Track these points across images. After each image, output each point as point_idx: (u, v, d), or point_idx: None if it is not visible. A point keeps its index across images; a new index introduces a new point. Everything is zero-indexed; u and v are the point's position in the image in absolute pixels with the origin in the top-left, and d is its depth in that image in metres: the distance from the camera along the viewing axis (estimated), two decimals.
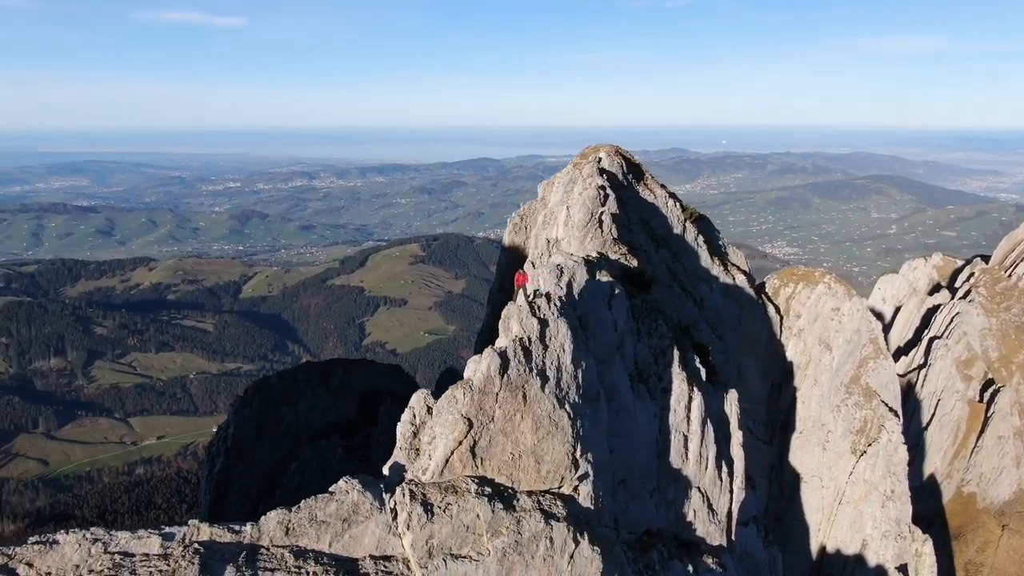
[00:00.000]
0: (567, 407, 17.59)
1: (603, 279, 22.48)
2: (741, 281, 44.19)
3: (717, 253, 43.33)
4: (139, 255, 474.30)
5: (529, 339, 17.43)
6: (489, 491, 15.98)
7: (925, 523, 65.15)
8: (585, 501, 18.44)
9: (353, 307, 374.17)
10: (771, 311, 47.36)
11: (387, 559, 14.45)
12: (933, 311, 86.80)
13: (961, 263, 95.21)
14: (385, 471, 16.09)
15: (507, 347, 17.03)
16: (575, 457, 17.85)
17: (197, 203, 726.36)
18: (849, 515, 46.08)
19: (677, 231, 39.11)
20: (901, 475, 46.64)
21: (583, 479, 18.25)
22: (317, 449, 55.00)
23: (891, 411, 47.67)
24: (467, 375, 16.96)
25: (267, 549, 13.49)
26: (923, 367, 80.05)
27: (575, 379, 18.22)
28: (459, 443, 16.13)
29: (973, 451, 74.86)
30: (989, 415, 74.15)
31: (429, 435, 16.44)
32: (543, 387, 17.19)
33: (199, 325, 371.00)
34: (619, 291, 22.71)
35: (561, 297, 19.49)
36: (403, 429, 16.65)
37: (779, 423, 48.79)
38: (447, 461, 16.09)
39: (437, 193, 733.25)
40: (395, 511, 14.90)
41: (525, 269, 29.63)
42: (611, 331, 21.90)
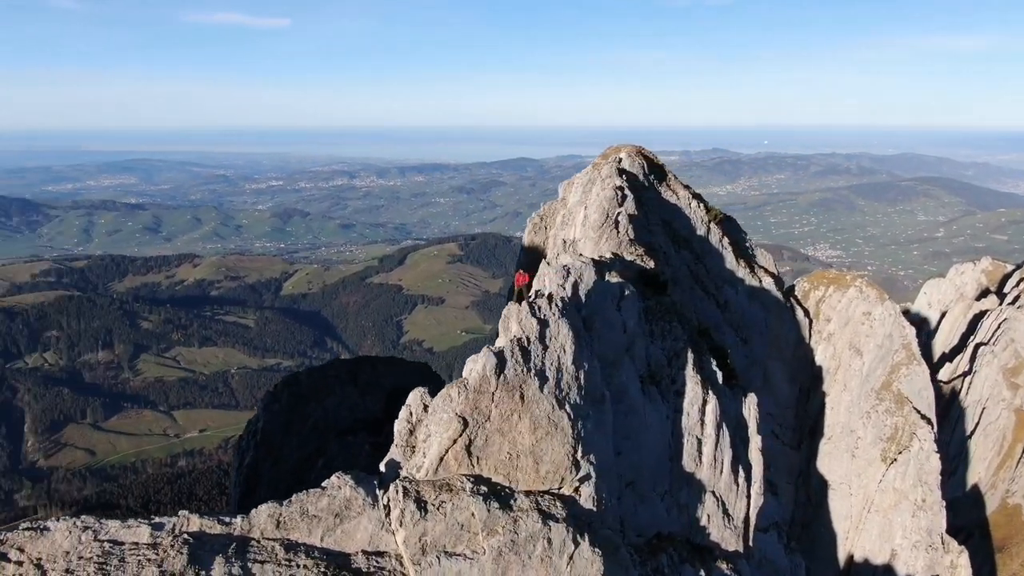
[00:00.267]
0: (567, 408, 17.57)
1: (613, 280, 22.39)
2: (768, 284, 43.55)
3: (743, 255, 42.76)
4: (184, 251, 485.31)
5: (528, 339, 17.46)
6: (485, 490, 16.07)
7: (964, 534, 63.47)
8: (587, 503, 18.41)
9: (391, 305, 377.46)
10: (799, 314, 46.58)
11: (380, 555, 14.63)
12: (980, 317, 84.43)
13: (1011, 268, 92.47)
14: (382, 468, 16.29)
15: (504, 347, 17.09)
16: (576, 458, 17.83)
17: (241, 201, 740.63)
18: (878, 524, 45.12)
19: (701, 233, 38.70)
20: (933, 484, 45.50)
21: (584, 480, 18.22)
22: (344, 445, 55.62)
23: (924, 419, 46.53)
24: (464, 374, 17.07)
25: (257, 541, 13.77)
26: (968, 374, 77.89)
27: (576, 380, 18.20)
28: (454, 441, 16.24)
29: (1020, 461, 72.62)
30: None
31: (424, 433, 16.59)
32: (542, 387, 17.20)
33: (241, 321, 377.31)
34: (629, 292, 22.59)
35: (564, 298, 19.47)
36: (400, 427, 16.82)
37: (807, 428, 47.96)
38: (441, 459, 16.20)
39: (476, 193, 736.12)
40: (388, 507, 15.08)
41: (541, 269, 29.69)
42: (620, 333, 21.81)
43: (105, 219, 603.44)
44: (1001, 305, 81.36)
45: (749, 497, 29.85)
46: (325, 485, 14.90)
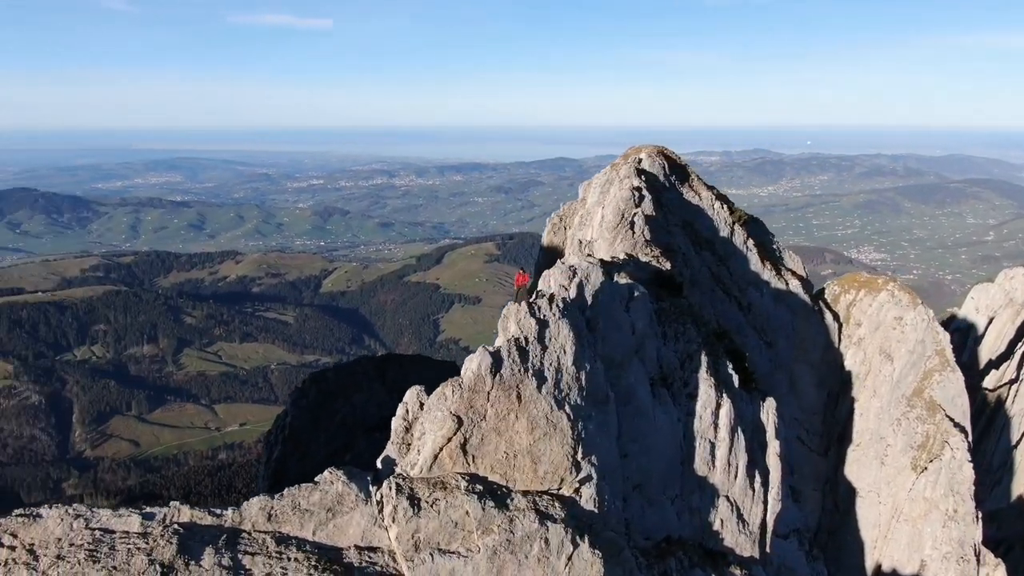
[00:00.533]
0: (567, 408, 17.58)
1: (622, 281, 22.31)
2: (795, 286, 42.89)
3: (769, 257, 42.17)
4: (227, 248, 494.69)
5: (526, 339, 17.51)
6: (480, 489, 16.16)
7: (1005, 547, 61.63)
8: (588, 504, 18.39)
9: (428, 304, 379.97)
10: (828, 318, 45.77)
11: (372, 550, 14.82)
12: None
13: None
14: (378, 465, 16.50)
15: (501, 347, 17.17)
16: (576, 459, 17.83)
17: (282, 199, 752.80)
18: (907, 533, 44.10)
19: (724, 234, 38.28)
20: (966, 494, 44.29)
21: (585, 482, 18.20)
22: (372, 441, 56.19)
23: (957, 427, 45.33)
24: (462, 373, 17.19)
25: (248, 534, 14.07)
26: (1015, 382, 75.44)
27: (577, 381, 18.20)
28: (448, 440, 16.36)
29: None
30: None
31: (420, 431, 16.75)
32: (540, 388, 17.24)
33: (281, 317, 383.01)
34: (639, 294, 22.49)
35: (565, 298, 19.47)
36: (396, 424, 17.01)
37: (835, 434, 47.12)
38: (436, 457, 16.34)
39: (514, 192, 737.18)
40: (381, 504, 15.28)
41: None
42: (628, 334, 21.73)
43: (152, 216, 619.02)
44: None
45: (766, 503, 29.46)
46: (318, 480, 15.17)
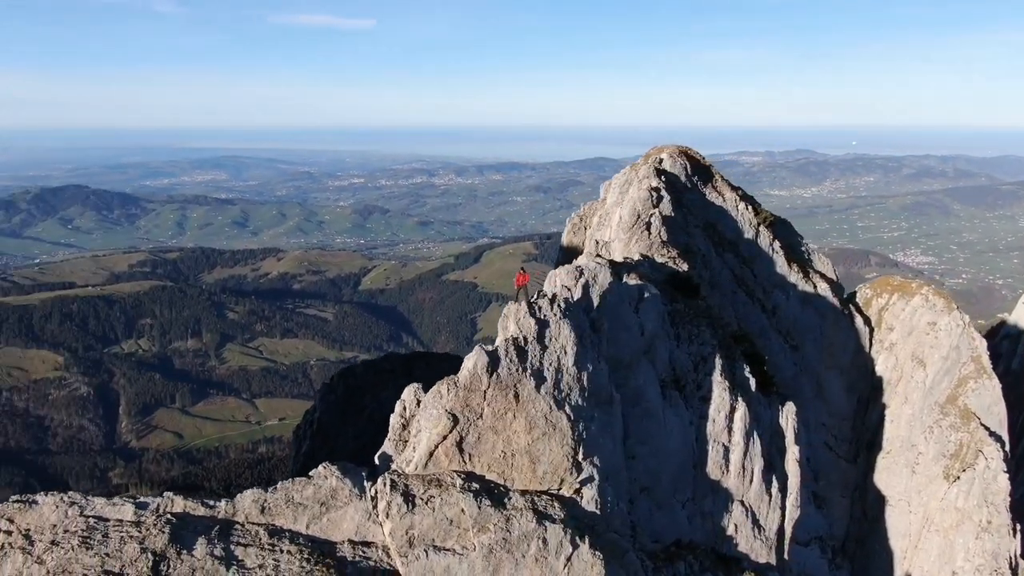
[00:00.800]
0: (567, 409, 17.55)
1: (631, 282, 22.17)
2: (823, 290, 42.08)
3: (797, 259, 41.45)
4: (269, 245, 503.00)
5: (525, 339, 17.52)
6: (477, 487, 16.24)
7: None
8: (589, 505, 18.35)
9: (466, 302, 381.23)
10: (859, 322, 44.80)
11: (366, 545, 15.00)
12: None
13: None
14: (376, 461, 16.67)
15: (499, 346, 17.20)
16: (577, 459, 17.80)
17: (324, 197, 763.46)
18: (938, 544, 42.98)
19: (748, 236, 37.74)
20: (1000, 505, 42.99)
21: (586, 483, 18.16)
22: None
23: (992, 436, 44.01)
24: (459, 372, 17.28)
25: (241, 525, 14.35)
26: None
27: (579, 381, 18.16)
28: (443, 437, 16.46)
29: None
30: None
31: (416, 428, 16.88)
32: (539, 387, 17.24)
33: (320, 314, 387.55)
34: (649, 295, 22.33)
35: (568, 299, 19.43)
36: (393, 420, 17.17)
37: (865, 441, 46.11)
38: (431, 454, 16.45)
39: (553, 192, 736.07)
40: (375, 499, 15.44)
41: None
42: (636, 335, 21.60)
43: (197, 213, 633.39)
44: None
45: (784, 509, 29.03)
46: (312, 474, 15.39)
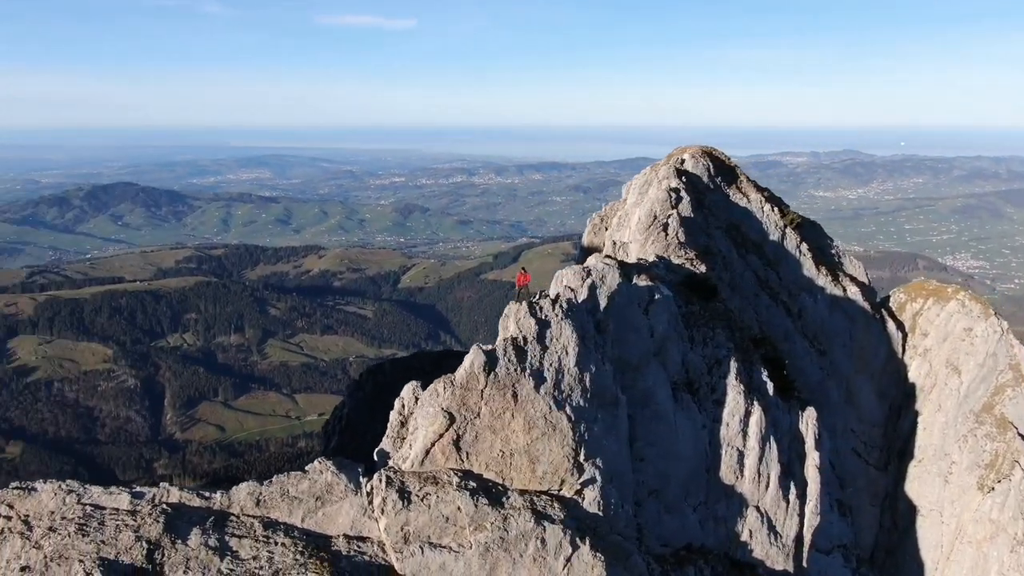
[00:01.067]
0: (568, 409, 17.54)
1: (641, 284, 22.04)
2: (853, 293, 41.23)
3: (826, 262, 40.70)
4: (311, 243, 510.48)
5: (524, 339, 17.54)
6: (474, 485, 16.33)
7: None
8: (591, 507, 18.31)
9: (504, 302, 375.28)
10: (891, 327, 43.76)
11: (362, 540, 15.21)
12: None
13: None
14: (375, 457, 16.87)
15: (497, 346, 17.26)
16: (578, 460, 17.78)
17: (365, 196, 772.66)
18: (970, 556, 41.77)
19: (774, 238, 37.18)
20: None
21: (588, 484, 18.13)
22: None
23: None
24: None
25: (237, 517, 14.66)
26: None
27: (580, 382, 18.13)
28: (440, 435, 16.58)
29: None
30: None
31: (414, 425, 17.03)
32: (538, 388, 17.26)
33: (360, 311, 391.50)
34: (660, 297, 22.18)
35: (570, 299, 19.40)
36: (392, 417, 17.34)
37: (896, 448, 45.04)
38: (427, 452, 16.59)
39: (592, 192, 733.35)
40: (371, 495, 15.62)
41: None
42: (646, 337, 21.47)
43: (242, 210, 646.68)
44: None
45: (802, 515, 28.54)
46: (307, 468, 15.65)
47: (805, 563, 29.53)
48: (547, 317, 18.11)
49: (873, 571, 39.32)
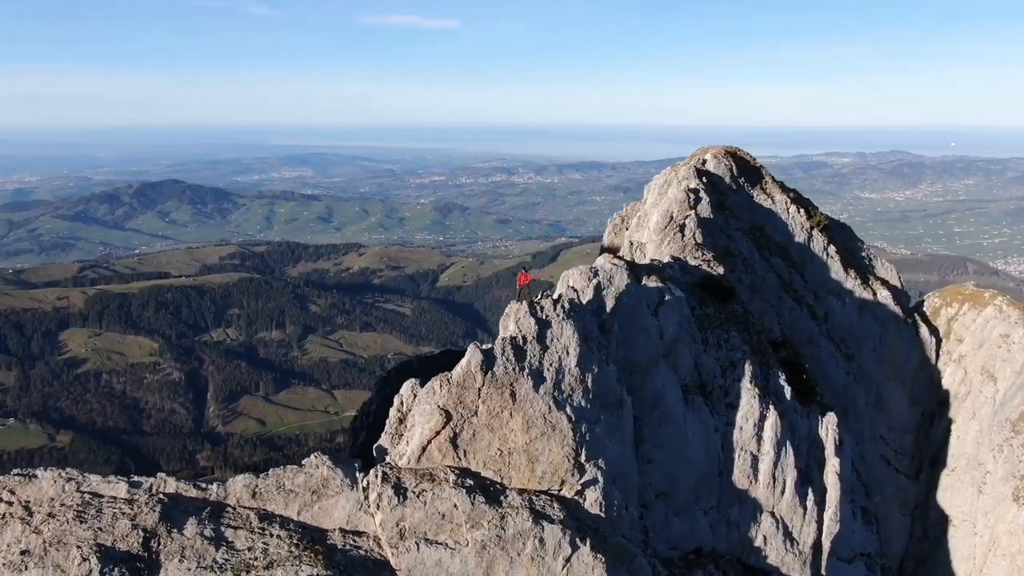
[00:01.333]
0: (568, 409, 17.54)
1: (651, 285, 21.91)
2: (884, 297, 40.35)
3: (855, 265, 39.91)
4: (351, 241, 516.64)
5: (524, 339, 17.58)
6: (471, 483, 16.44)
7: None
8: (593, 507, 18.29)
9: None
10: (924, 332, 42.72)
11: (358, 534, 15.42)
12: None
13: None
14: (374, 453, 17.07)
15: (495, 345, 17.32)
16: (579, 461, 17.77)
17: (405, 195, 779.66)
18: (1004, 569, 40.51)
19: (800, 239, 36.58)
20: None
21: (589, 485, 18.11)
22: None
23: None
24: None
25: (233, 508, 14.98)
26: None
27: (582, 382, 18.11)
28: (436, 433, 16.70)
29: None
30: None
31: (411, 422, 17.19)
32: (536, 387, 17.29)
33: (399, 309, 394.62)
34: (671, 298, 22.02)
35: (573, 299, 19.37)
36: (391, 414, 17.53)
37: (928, 457, 43.94)
38: (424, 449, 16.73)
39: (632, 192, 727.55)
40: (367, 490, 15.82)
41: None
42: (655, 338, 21.34)
43: (284, 208, 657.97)
44: None
45: (821, 522, 28.07)
46: (304, 463, 15.92)
47: (824, 571, 29.05)
48: (548, 317, 18.14)
49: None
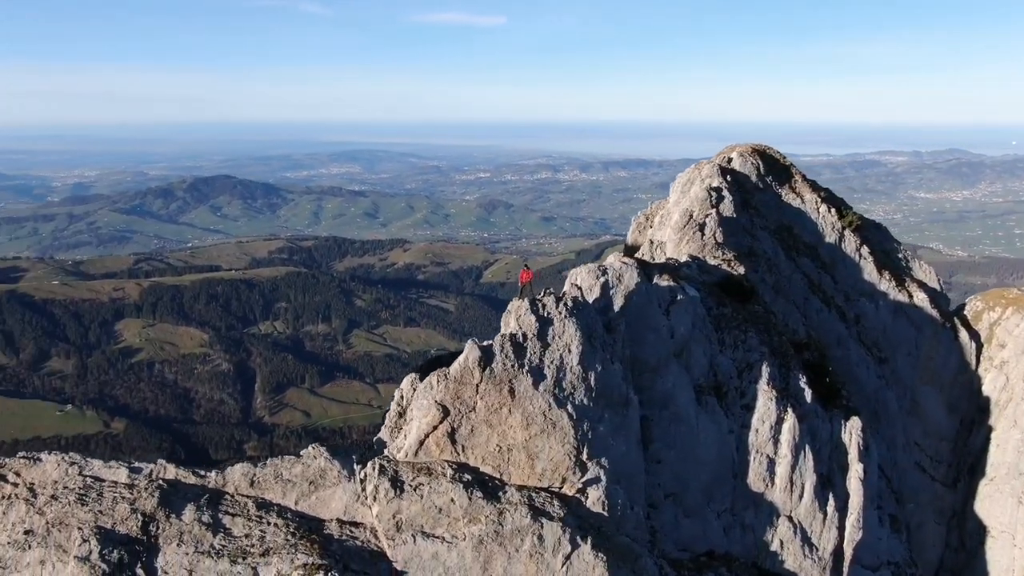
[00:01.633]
0: (569, 407, 17.53)
1: (662, 284, 21.74)
2: (921, 300, 39.24)
3: (890, 267, 38.90)
4: (397, 237, 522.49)
5: (524, 336, 17.62)
6: (468, 478, 16.56)
7: None
8: (595, 506, 18.26)
9: None
10: (963, 337, 41.42)
11: (355, 525, 15.69)
12: None
13: None
14: (374, 445, 17.31)
15: (494, 342, 17.39)
16: (580, 459, 17.76)
17: (450, 191, 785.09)
18: None
19: (830, 240, 35.79)
20: None
21: (592, 483, 18.09)
22: None
23: None
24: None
25: (231, 496, 15.37)
26: None
27: (584, 381, 18.07)
28: (434, 427, 16.85)
29: None
30: None
31: (410, 416, 17.37)
32: (536, 384, 17.31)
33: (442, 305, 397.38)
34: (683, 297, 21.82)
35: (576, 298, 19.32)
36: (391, 408, 17.75)
37: (967, 465, 42.62)
38: (421, 443, 16.90)
39: None
40: (364, 482, 16.07)
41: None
42: (665, 338, 21.17)
43: (332, 204, 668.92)
44: None
45: (842, 528, 27.50)
46: (302, 453, 16.24)
47: None
48: (549, 315, 18.16)
49: None
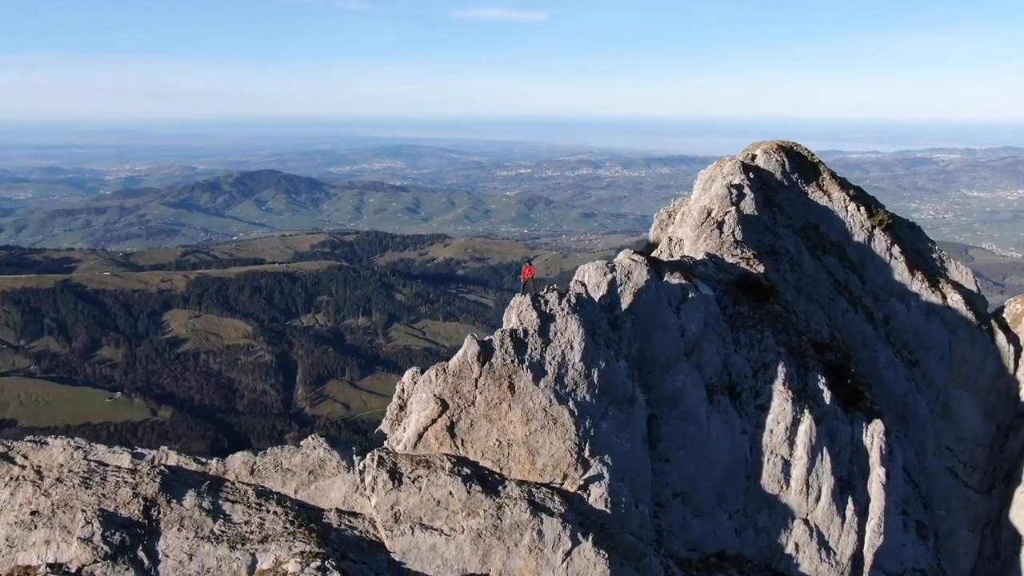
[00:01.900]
0: (571, 404, 17.55)
1: (673, 281, 21.58)
2: (955, 301, 38.22)
3: (924, 267, 37.97)
4: (437, 232, 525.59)
5: (525, 332, 17.66)
6: (467, 472, 16.70)
7: None
8: (598, 503, 18.27)
9: None
10: (1000, 340, 40.19)
11: (354, 515, 15.96)
12: None
13: None
14: (375, 437, 17.54)
15: (494, 337, 17.46)
16: (582, 456, 17.78)
17: (491, 187, 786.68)
18: None
19: (859, 239, 35.06)
20: None
21: (594, 480, 18.10)
22: None
23: None
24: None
25: (232, 483, 15.76)
26: None
27: (587, 377, 18.07)
28: (432, 421, 17.01)
29: None
30: None
31: (409, 409, 17.55)
32: (537, 380, 17.36)
33: (481, 300, 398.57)
34: (695, 295, 21.64)
35: (580, 294, 19.29)
36: (392, 401, 17.95)
37: (1003, 472, 41.36)
38: (420, 436, 17.07)
39: None
40: (363, 473, 16.31)
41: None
42: (675, 336, 21.03)
43: (374, 199, 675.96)
44: None
45: (862, 533, 26.98)
46: (301, 443, 16.55)
47: None
48: (552, 311, 18.19)
49: None
